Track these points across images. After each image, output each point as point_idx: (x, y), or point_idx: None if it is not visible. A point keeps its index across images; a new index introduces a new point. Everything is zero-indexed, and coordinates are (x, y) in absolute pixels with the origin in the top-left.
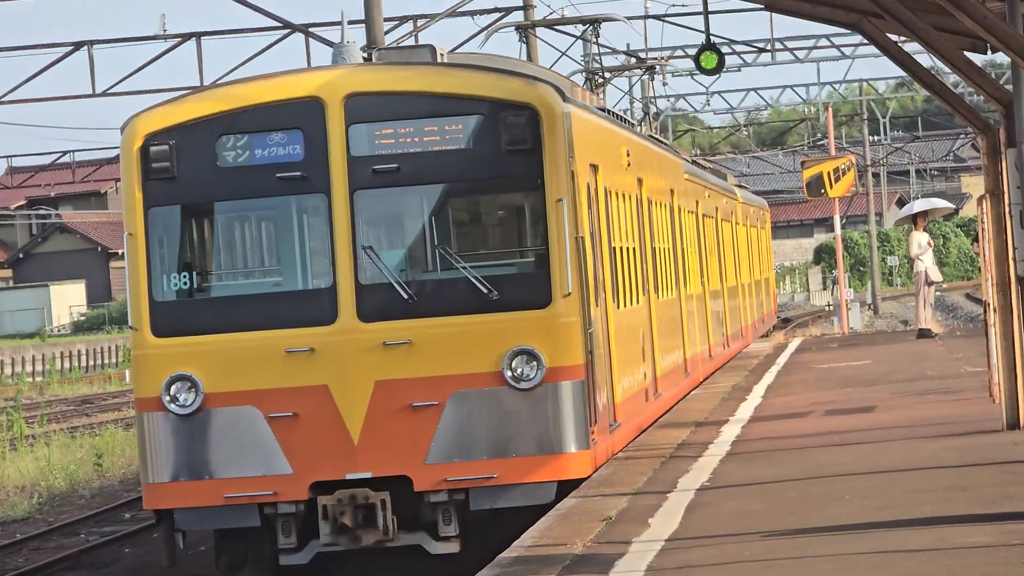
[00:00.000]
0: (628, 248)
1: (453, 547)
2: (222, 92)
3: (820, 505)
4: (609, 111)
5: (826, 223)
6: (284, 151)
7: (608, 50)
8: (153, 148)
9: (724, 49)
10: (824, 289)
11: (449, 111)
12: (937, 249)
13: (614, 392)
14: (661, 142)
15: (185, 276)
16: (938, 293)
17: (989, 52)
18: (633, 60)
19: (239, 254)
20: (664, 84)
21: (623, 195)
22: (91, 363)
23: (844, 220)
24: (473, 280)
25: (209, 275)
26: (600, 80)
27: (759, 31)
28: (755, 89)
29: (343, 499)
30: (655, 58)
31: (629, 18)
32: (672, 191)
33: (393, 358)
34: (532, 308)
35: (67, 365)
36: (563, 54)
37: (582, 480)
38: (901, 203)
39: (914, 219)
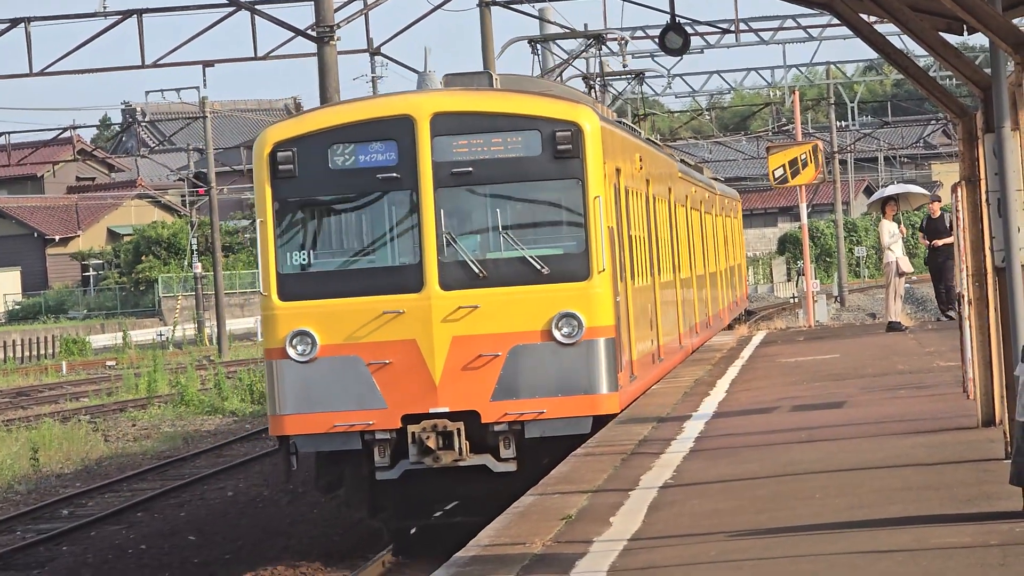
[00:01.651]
0: (640, 236)
1: (511, 467)
2: (333, 110)
3: (788, 504)
4: (623, 122)
5: (791, 212)
6: (382, 157)
7: (609, 58)
8: (280, 153)
9: (687, 30)
10: (789, 281)
11: (512, 127)
12: (907, 239)
13: (632, 352)
14: (657, 144)
15: (304, 254)
16: (907, 285)
17: (965, 33)
18: (631, 71)
19: (345, 236)
20: (624, 66)
21: (637, 193)
22: (27, 354)
23: (810, 209)
24: (529, 258)
25: (322, 253)
26: (601, 88)
27: (723, 11)
28: (718, 72)
29: (427, 428)
30: (613, 41)
31: None
32: (669, 189)
33: (466, 318)
34: (575, 281)
35: (1, 356)
36: (567, 63)
37: (612, 416)
38: (869, 191)
39: (883, 207)
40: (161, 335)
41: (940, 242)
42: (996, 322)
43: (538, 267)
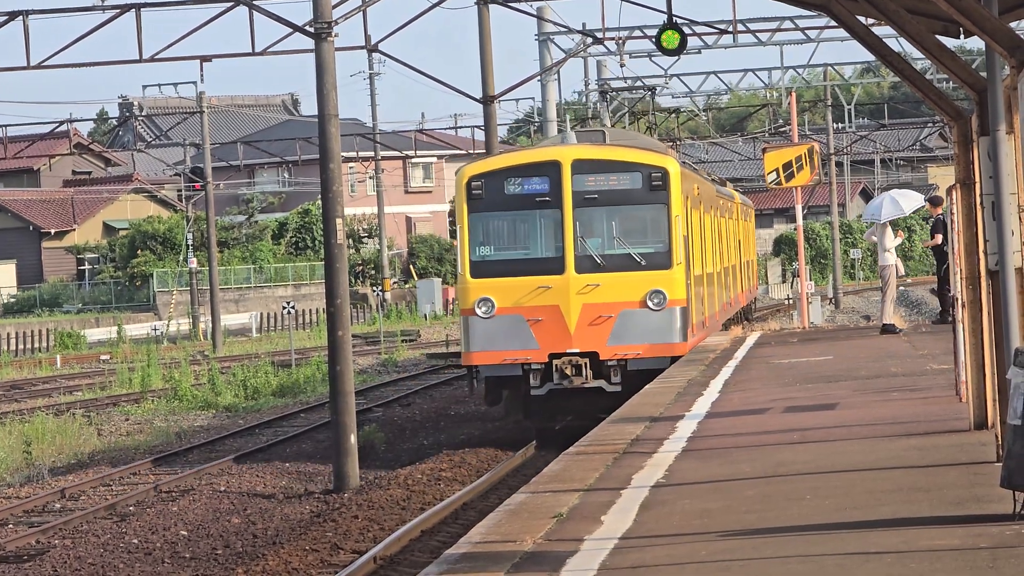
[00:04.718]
0: (697, 240)
1: (618, 388)
2: (508, 156)
3: (779, 505)
4: (687, 163)
5: (786, 213)
6: (539, 186)
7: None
8: (473, 183)
9: (684, 30)
10: (784, 282)
11: (622, 169)
12: (902, 242)
13: (694, 318)
14: (697, 170)
15: (487, 248)
16: (901, 288)
17: (962, 36)
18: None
19: (514, 237)
20: (622, 65)
21: (695, 210)
22: (21, 347)
23: (806, 210)
24: (632, 254)
25: (499, 248)
26: (654, 126)
27: (720, 12)
28: (715, 72)
29: (565, 361)
30: (611, 40)
31: None
32: (712, 206)
33: (591, 292)
34: (661, 269)
35: None
36: (628, 111)
37: (681, 356)
38: (864, 193)
39: None
40: (156, 330)
41: (928, 243)
42: (989, 325)
43: (638, 260)
